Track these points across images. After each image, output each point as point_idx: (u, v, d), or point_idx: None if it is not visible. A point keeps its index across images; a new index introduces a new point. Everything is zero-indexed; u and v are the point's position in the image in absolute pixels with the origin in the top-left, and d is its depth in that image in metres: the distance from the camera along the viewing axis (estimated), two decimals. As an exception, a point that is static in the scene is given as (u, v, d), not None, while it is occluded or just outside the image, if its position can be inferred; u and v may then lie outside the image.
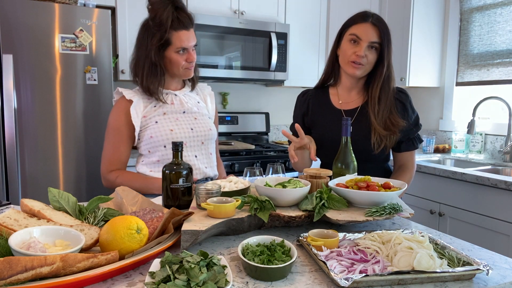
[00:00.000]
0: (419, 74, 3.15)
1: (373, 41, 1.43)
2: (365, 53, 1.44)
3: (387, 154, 1.58)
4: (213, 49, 2.87)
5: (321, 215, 1.05)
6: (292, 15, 3.23)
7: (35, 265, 0.68)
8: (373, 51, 1.45)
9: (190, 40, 1.49)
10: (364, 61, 1.45)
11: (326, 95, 1.63)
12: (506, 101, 2.66)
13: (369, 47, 1.44)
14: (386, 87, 1.49)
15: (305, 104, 1.65)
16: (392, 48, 1.49)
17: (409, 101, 1.54)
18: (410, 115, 1.53)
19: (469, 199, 2.24)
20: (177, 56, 1.49)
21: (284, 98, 3.66)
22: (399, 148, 1.56)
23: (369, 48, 1.44)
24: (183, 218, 0.97)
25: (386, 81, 1.49)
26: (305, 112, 1.64)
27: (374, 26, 1.44)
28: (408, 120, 1.52)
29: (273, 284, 0.81)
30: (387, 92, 1.49)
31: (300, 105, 1.67)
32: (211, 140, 1.63)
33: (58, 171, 2.26)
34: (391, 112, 1.48)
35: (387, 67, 1.47)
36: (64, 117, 2.25)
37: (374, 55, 1.46)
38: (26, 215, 0.93)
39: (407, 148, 1.56)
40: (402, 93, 1.55)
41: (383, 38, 1.44)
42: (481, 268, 0.82)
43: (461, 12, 3.11)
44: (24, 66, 2.13)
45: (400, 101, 1.53)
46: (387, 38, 1.45)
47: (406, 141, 1.55)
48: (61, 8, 2.18)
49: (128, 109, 1.50)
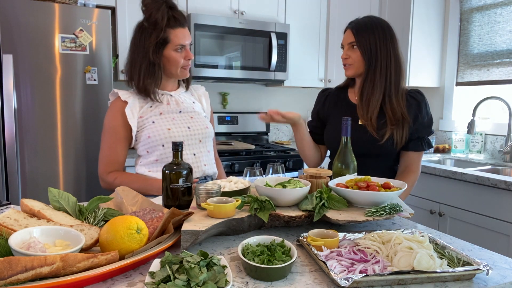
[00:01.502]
0: (419, 74, 3.15)
1: (349, 42, 1.57)
2: (347, 54, 1.58)
3: (397, 153, 1.61)
4: (213, 49, 2.87)
5: (321, 215, 1.05)
6: (292, 15, 3.23)
7: (35, 265, 0.68)
8: (355, 50, 1.56)
9: (187, 37, 1.51)
10: (349, 61, 1.58)
11: (345, 93, 1.72)
12: (506, 101, 2.66)
13: (350, 48, 1.57)
14: (371, 77, 1.54)
15: (323, 98, 1.75)
16: (381, 40, 1.53)
17: (424, 102, 1.59)
18: (423, 115, 1.58)
19: (469, 199, 2.24)
20: (176, 54, 1.50)
21: (284, 98, 3.67)
22: (407, 147, 1.59)
23: (350, 49, 1.57)
24: (183, 218, 0.97)
25: (370, 73, 1.54)
26: (321, 107, 1.74)
27: (350, 30, 1.58)
28: (420, 119, 1.57)
29: (273, 284, 0.81)
30: (373, 81, 1.54)
31: (318, 100, 1.79)
32: (208, 138, 1.64)
33: (58, 171, 2.26)
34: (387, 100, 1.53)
35: (372, 59, 1.53)
36: (64, 117, 2.25)
37: (356, 53, 1.55)
38: (26, 215, 0.93)
39: (415, 147, 1.58)
40: (419, 93, 1.61)
41: (358, 35, 1.54)
42: (481, 268, 0.82)
43: (461, 12, 3.11)
44: (24, 66, 2.13)
45: (415, 99, 1.58)
46: (362, 34, 1.54)
47: (415, 140, 1.58)
48: (61, 8, 2.18)
49: (124, 110, 1.50)
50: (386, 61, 1.53)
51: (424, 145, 1.59)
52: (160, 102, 1.55)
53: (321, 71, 3.41)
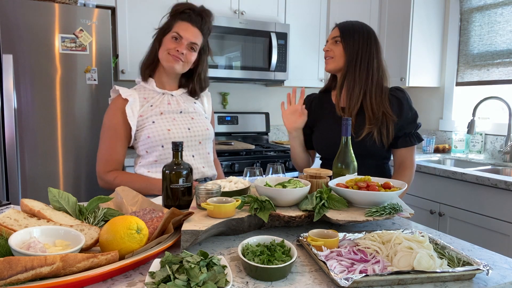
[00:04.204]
0: (419, 74, 3.15)
1: (333, 36, 1.62)
2: (329, 47, 1.62)
3: (387, 151, 1.62)
4: (213, 49, 2.86)
5: (321, 215, 1.05)
6: (292, 15, 3.23)
7: (35, 265, 0.68)
8: (338, 44, 1.60)
9: (188, 31, 1.50)
10: (330, 53, 1.62)
11: (328, 96, 1.73)
12: (506, 101, 2.66)
13: (333, 42, 1.62)
14: (352, 72, 1.58)
15: (309, 104, 1.76)
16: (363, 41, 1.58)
17: (406, 98, 1.60)
18: (406, 111, 1.58)
19: (469, 199, 2.24)
20: (169, 41, 1.51)
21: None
22: (396, 144, 1.60)
23: (333, 43, 1.62)
24: (183, 218, 0.97)
25: (350, 68, 1.58)
26: (308, 112, 1.71)
27: (337, 27, 1.64)
28: (404, 116, 1.58)
29: (273, 284, 0.81)
30: (353, 76, 1.58)
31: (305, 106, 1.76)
32: (208, 139, 1.63)
33: (58, 171, 2.26)
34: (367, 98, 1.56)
35: (352, 56, 1.57)
36: (64, 117, 2.25)
37: (339, 47, 1.60)
38: (26, 215, 0.93)
39: (404, 144, 1.60)
40: (399, 90, 1.62)
41: (343, 32, 1.59)
42: (481, 268, 0.82)
43: (461, 12, 3.11)
44: (24, 66, 2.13)
45: (396, 97, 1.59)
46: (347, 32, 1.59)
47: (402, 136, 1.60)
48: (61, 8, 2.18)
49: (124, 108, 1.49)
50: (368, 60, 1.57)
51: (413, 139, 1.60)
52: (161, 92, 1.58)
53: (321, 71, 3.41)
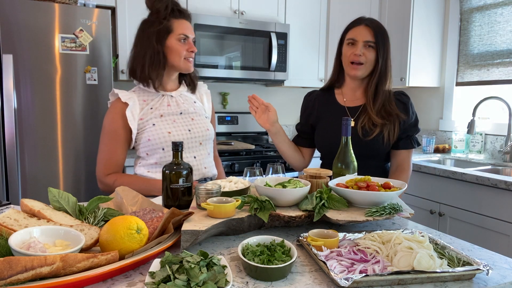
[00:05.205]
0: (419, 74, 3.15)
1: (367, 40, 1.53)
2: (362, 51, 1.53)
3: (387, 152, 1.63)
4: (213, 49, 2.87)
5: (321, 215, 1.05)
6: (292, 15, 3.23)
7: (35, 265, 0.68)
8: (370, 49, 1.54)
9: (189, 28, 1.51)
10: (362, 59, 1.53)
11: (332, 94, 1.71)
12: (506, 101, 2.66)
13: (366, 46, 1.53)
14: (383, 81, 1.57)
15: (311, 103, 1.73)
16: (389, 46, 1.57)
17: (410, 102, 1.64)
18: (410, 115, 1.62)
19: (469, 199, 2.24)
20: (178, 44, 1.48)
21: (284, 98, 3.66)
22: (398, 146, 1.62)
23: (365, 47, 1.53)
24: (183, 218, 0.97)
25: (383, 76, 1.57)
26: (311, 110, 1.72)
27: (367, 27, 1.54)
28: (409, 119, 1.61)
29: (273, 284, 0.81)
30: (383, 85, 1.57)
31: (306, 104, 1.76)
32: (209, 140, 1.62)
33: (58, 171, 2.26)
34: (387, 103, 1.57)
35: (383, 64, 1.55)
36: (64, 117, 2.25)
37: (372, 53, 1.54)
38: (26, 215, 0.93)
39: (406, 146, 1.62)
40: (403, 95, 1.65)
41: (377, 37, 1.53)
42: (481, 268, 0.82)
43: (461, 12, 3.11)
44: (24, 66, 2.13)
45: (401, 102, 1.62)
46: (381, 37, 1.54)
47: (405, 138, 1.62)
48: (61, 8, 2.18)
49: (124, 111, 1.48)
50: (387, 65, 1.57)
51: (414, 143, 1.63)
52: (161, 93, 1.54)
53: (321, 71, 3.41)
